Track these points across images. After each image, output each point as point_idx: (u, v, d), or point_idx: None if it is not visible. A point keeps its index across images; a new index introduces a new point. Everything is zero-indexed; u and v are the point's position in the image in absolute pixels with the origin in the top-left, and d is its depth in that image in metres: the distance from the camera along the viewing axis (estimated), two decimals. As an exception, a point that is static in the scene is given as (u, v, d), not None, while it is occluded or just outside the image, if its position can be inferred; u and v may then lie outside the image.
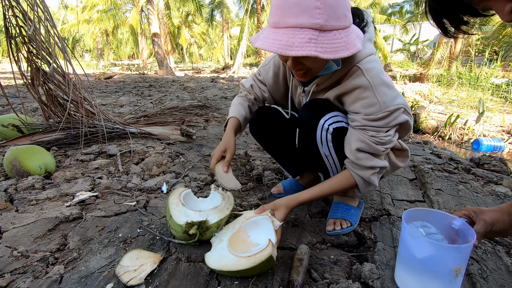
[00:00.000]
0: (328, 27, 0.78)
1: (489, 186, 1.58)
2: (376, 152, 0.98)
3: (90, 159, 2.04)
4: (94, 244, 1.10)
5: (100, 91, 6.00)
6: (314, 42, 0.77)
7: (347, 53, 0.80)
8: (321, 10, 0.76)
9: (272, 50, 0.79)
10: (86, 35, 25.31)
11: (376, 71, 0.93)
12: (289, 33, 0.78)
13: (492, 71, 9.58)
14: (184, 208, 1.08)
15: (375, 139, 0.96)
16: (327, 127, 1.03)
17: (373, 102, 0.92)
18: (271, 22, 0.84)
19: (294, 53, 0.76)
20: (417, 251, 0.79)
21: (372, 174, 1.01)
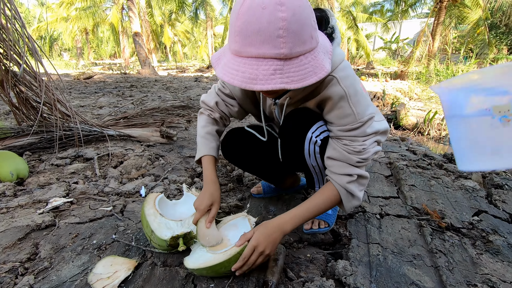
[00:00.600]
0: (293, 55, 0.72)
1: (459, 181, 1.65)
2: (349, 162, 0.94)
3: (65, 164, 1.98)
4: (66, 252, 1.08)
5: (79, 92, 5.82)
6: (280, 73, 0.71)
7: (316, 79, 0.74)
8: (285, 39, 0.69)
9: (235, 83, 0.73)
10: (64, 33, 24.43)
11: (351, 79, 0.90)
12: (252, 64, 0.72)
13: (468, 68, 9.96)
14: (163, 219, 1.06)
15: (348, 147, 0.94)
16: (315, 140, 1.02)
17: (347, 113, 0.90)
18: (232, 49, 0.77)
19: (258, 87, 0.71)
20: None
21: (349, 182, 0.96)
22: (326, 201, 0.98)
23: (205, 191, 1.07)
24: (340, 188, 0.97)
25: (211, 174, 1.11)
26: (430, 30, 12.69)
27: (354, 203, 0.99)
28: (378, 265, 1.01)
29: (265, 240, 0.89)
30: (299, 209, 0.98)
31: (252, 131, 1.24)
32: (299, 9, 0.69)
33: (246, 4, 0.70)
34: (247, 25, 0.69)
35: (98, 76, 9.77)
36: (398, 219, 1.30)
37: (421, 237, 1.17)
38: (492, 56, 14.60)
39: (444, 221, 1.27)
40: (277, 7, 0.67)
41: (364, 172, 0.97)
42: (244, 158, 1.28)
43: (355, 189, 0.97)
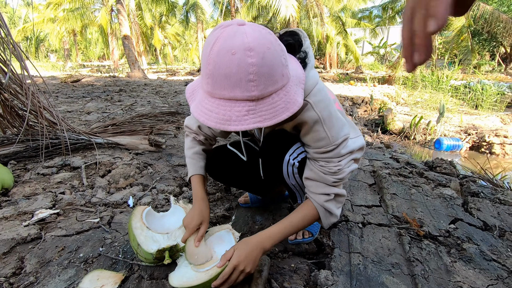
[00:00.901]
0: (265, 95, 0.74)
1: (438, 189, 1.72)
2: (325, 182, 0.98)
3: (52, 173, 1.96)
4: (53, 266, 1.08)
5: (66, 96, 5.74)
6: (252, 113, 0.73)
7: (288, 114, 0.76)
8: (256, 82, 0.71)
9: (209, 124, 0.74)
10: (51, 34, 23.95)
11: (325, 103, 0.92)
12: (225, 105, 0.74)
13: (452, 74, 10.27)
14: (150, 233, 1.08)
15: (323, 168, 0.97)
16: (292, 162, 1.05)
17: (322, 137, 0.93)
18: (204, 89, 0.78)
19: (232, 128, 0.73)
20: None
21: (327, 201, 0.99)
22: (305, 218, 1.01)
23: (195, 209, 1.09)
24: (318, 206, 1.00)
25: (200, 192, 1.14)
26: (416, 36, 13.02)
27: (332, 220, 1.03)
28: (359, 274, 1.05)
29: (245, 258, 0.90)
30: (280, 226, 1.00)
31: (234, 150, 1.25)
32: (269, 52, 0.71)
33: (215, 49, 0.71)
34: (217, 69, 0.71)
35: (86, 79, 9.63)
36: (379, 228, 1.36)
37: (400, 246, 1.22)
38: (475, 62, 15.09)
39: (423, 229, 1.33)
40: (246, 53, 0.68)
41: (340, 190, 1.01)
42: (229, 176, 1.30)
43: (333, 207, 1.01)
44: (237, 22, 0.73)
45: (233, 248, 0.94)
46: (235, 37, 0.69)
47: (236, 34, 0.70)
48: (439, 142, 6.43)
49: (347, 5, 18.66)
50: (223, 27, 0.73)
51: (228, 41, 0.69)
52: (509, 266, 1.10)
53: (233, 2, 15.29)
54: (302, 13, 16.72)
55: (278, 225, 1.00)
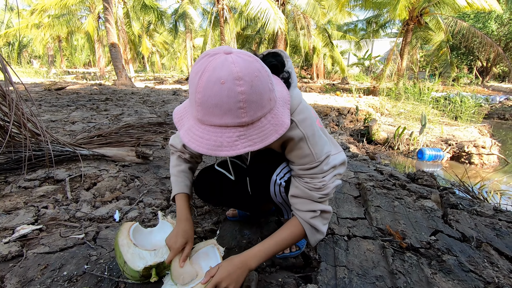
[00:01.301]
0: (254, 120, 0.76)
1: (420, 201, 1.79)
2: (311, 198, 0.99)
3: (34, 186, 1.91)
4: (35, 286, 1.05)
5: (50, 104, 5.61)
6: (243, 138, 0.75)
7: (277, 136, 0.79)
8: (245, 109, 0.73)
9: (200, 151, 0.76)
10: (35, 40, 23.45)
11: (309, 121, 0.96)
12: (216, 132, 0.76)
13: (433, 86, 10.69)
14: (137, 249, 1.07)
15: (308, 185, 0.99)
16: (279, 182, 1.07)
17: (306, 153, 0.95)
18: (194, 116, 0.80)
19: (224, 153, 0.75)
20: None
21: (313, 218, 1.01)
22: (292, 236, 1.02)
23: (179, 229, 1.08)
24: (304, 223, 1.02)
25: (184, 212, 1.13)
26: (398, 50, 13.57)
27: (318, 237, 1.04)
28: (344, 287, 1.08)
29: (228, 277, 0.90)
30: (265, 245, 1.00)
31: (221, 170, 1.26)
32: (256, 80, 0.74)
33: (204, 78, 0.72)
34: (207, 98, 0.73)
35: (71, 86, 9.45)
36: (364, 240, 1.39)
37: (384, 258, 1.26)
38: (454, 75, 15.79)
39: (405, 241, 1.38)
40: (235, 82, 0.71)
41: (326, 207, 1.03)
42: (217, 196, 1.30)
43: (319, 223, 1.02)
44: (224, 50, 0.76)
45: (217, 266, 0.95)
46: (223, 67, 0.72)
47: (224, 63, 0.72)
48: (421, 152, 6.64)
49: (333, 19, 19.23)
50: (210, 55, 0.75)
51: (217, 71, 0.72)
52: (485, 276, 1.16)
53: (221, 12, 15.48)
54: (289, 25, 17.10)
55: (264, 243, 1.00)
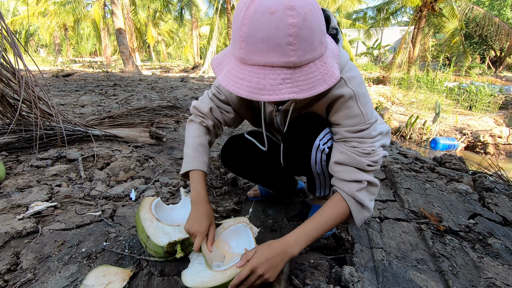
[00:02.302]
0: (303, 63, 0.68)
1: (452, 184, 1.68)
2: (359, 166, 0.88)
3: (47, 165, 1.85)
4: (52, 262, 0.99)
5: (58, 89, 5.55)
6: (288, 82, 0.67)
7: (325, 87, 0.70)
8: (295, 46, 0.65)
9: (241, 94, 0.68)
10: (42, 28, 23.36)
11: (358, 80, 0.87)
12: (259, 73, 0.67)
13: (446, 76, 10.39)
14: (160, 224, 0.99)
15: (356, 150, 0.88)
16: (322, 148, 0.96)
17: (355, 113, 0.86)
18: (236, 55, 0.72)
19: (266, 97, 0.67)
20: None
21: (359, 190, 0.88)
22: (335, 216, 0.90)
23: (199, 212, 0.96)
24: (348, 198, 0.90)
25: (203, 192, 1.00)
26: (410, 38, 13.18)
27: (365, 214, 0.91)
28: (384, 270, 0.99)
29: (265, 263, 0.81)
30: (307, 229, 0.89)
31: (252, 139, 1.18)
32: (310, 14, 0.65)
33: (252, 8, 0.64)
34: (253, 31, 0.65)
35: (78, 74, 9.39)
36: (397, 222, 1.30)
37: (422, 241, 1.17)
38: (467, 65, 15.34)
39: (442, 224, 1.28)
40: (287, 12, 0.62)
41: (374, 178, 0.91)
42: (245, 167, 1.22)
43: (365, 198, 0.89)
44: None
45: (254, 249, 0.85)
46: None
47: None
48: (435, 141, 6.47)
49: (342, 6, 18.73)
50: None
51: (266, 0, 0.63)
52: (536, 261, 1.06)
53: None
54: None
55: (304, 227, 0.89)
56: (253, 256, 0.83)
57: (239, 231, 1.03)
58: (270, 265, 0.81)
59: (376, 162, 0.90)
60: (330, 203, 0.92)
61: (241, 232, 1.02)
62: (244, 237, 1.00)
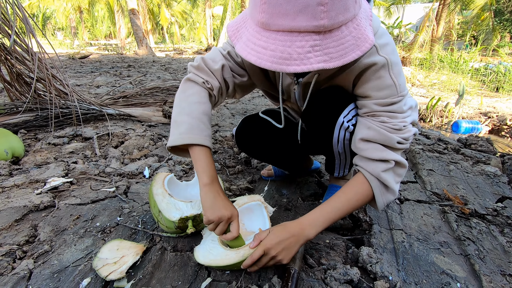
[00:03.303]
0: (334, 26, 0.58)
1: (479, 166, 1.58)
2: (389, 143, 0.79)
3: (63, 143, 1.88)
4: (68, 235, 1.00)
5: (75, 71, 5.62)
6: (318, 49, 0.58)
7: (358, 53, 0.61)
8: (327, 6, 0.55)
9: (263, 65, 0.60)
10: (58, 11, 23.56)
11: (391, 47, 0.78)
12: (284, 40, 0.59)
13: (473, 55, 9.80)
14: (172, 200, 0.97)
15: (386, 125, 0.78)
16: (347, 126, 0.88)
17: (387, 84, 0.76)
18: (257, 20, 0.62)
19: (293, 68, 0.59)
20: None
21: (385, 171, 0.80)
22: (356, 198, 0.82)
23: (221, 197, 0.82)
24: (372, 179, 0.81)
25: (215, 174, 0.85)
26: (434, 15, 12.38)
27: (389, 197, 0.83)
28: (404, 252, 0.94)
29: (279, 245, 0.77)
30: (324, 210, 0.82)
31: (267, 118, 1.10)
32: None
33: None
34: None
35: (94, 56, 9.47)
36: (419, 204, 1.23)
37: (445, 224, 1.11)
38: (496, 43, 14.38)
39: (468, 207, 1.21)
40: None
41: (402, 158, 0.82)
42: (260, 147, 1.15)
43: (391, 179, 0.80)
44: None
45: (268, 230, 0.81)
46: None
47: None
48: (457, 124, 6.18)
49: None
50: None
51: None
52: None
53: (243, -23, 14.64)
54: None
55: (322, 208, 0.82)
56: (266, 237, 0.79)
57: (253, 210, 1.00)
58: (284, 247, 0.78)
59: (406, 140, 0.81)
60: (351, 184, 0.85)
61: (256, 210, 0.99)
62: (258, 216, 0.97)
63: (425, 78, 9.79)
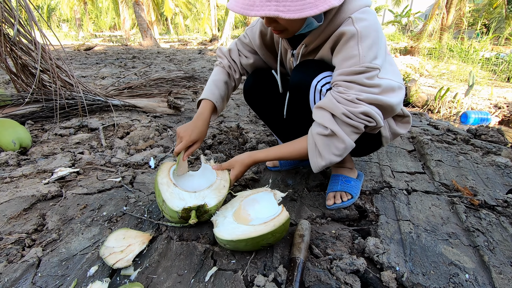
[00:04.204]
0: None
1: (489, 157, 1.54)
2: (334, 111, 0.83)
3: (70, 134, 1.89)
4: (75, 224, 1.01)
5: (80, 62, 5.63)
6: (276, 0, 0.71)
7: (315, 11, 0.70)
8: None
9: (234, 10, 0.75)
10: (62, 2, 23.51)
11: (369, 22, 0.80)
12: None
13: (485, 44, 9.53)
14: (177, 189, 0.97)
15: (340, 95, 0.83)
16: (319, 89, 0.92)
17: (353, 54, 0.80)
18: None
19: (253, 13, 0.71)
20: None
21: (320, 135, 0.87)
22: (296, 148, 0.97)
23: (197, 125, 1.08)
24: (310, 136, 0.92)
25: (207, 114, 1.12)
26: (444, 3, 12.02)
27: (319, 162, 0.91)
28: (412, 243, 0.93)
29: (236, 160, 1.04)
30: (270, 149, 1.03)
31: (276, 76, 1.18)
32: None
33: None
34: None
35: (99, 47, 9.46)
36: (427, 195, 1.22)
37: (454, 215, 1.09)
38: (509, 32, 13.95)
39: (477, 198, 1.19)
40: None
41: (343, 133, 0.85)
42: (264, 103, 1.27)
43: (323, 145, 0.88)
44: None
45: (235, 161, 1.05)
46: None
47: None
48: (465, 115, 6.06)
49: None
50: None
51: None
52: None
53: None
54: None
55: (268, 148, 1.04)
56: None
57: (258, 200, 0.99)
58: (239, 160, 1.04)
59: (354, 115, 0.82)
60: (299, 138, 0.99)
61: (261, 200, 0.99)
62: (264, 205, 0.97)
63: (433, 68, 9.58)
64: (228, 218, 0.89)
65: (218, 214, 0.93)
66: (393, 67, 0.94)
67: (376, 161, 1.52)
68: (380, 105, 0.84)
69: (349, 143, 0.86)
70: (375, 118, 0.84)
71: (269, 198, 0.97)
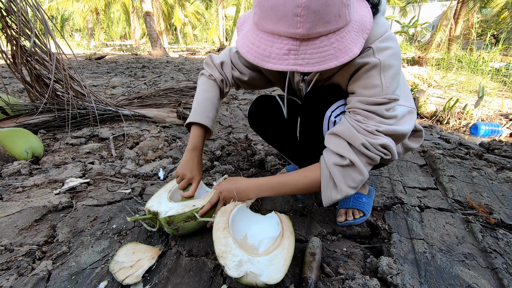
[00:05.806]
0: (312, 35, 0.65)
1: (504, 173, 1.51)
2: (353, 141, 0.80)
3: (81, 143, 1.91)
4: (85, 237, 1.01)
5: (91, 71, 5.75)
6: (294, 54, 0.66)
7: (336, 63, 0.66)
8: (303, 18, 0.62)
9: (248, 57, 0.70)
10: (76, 13, 24.22)
11: (391, 51, 0.77)
12: (267, 40, 0.68)
13: (492, 55, 9.46)
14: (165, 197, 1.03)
15: (359, 124, 0.79)
16: (333, 120, 0.90)
17: (375, 84, 0.77)
18: (253, 19, 0.72)
19: (270, 65, 0.67)
20: None
21: (337, 165, 0.82)
22: (304, 180, 0.89)
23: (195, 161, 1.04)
24: (324, 167, 0.85)
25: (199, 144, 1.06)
26: (452, 14, 12.01)
27: (333, 195, 0.85)
28: (427, 264, 0.91)
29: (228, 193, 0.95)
30: (273, 180, 0.93)
31: (280, 102, 1.16)
32: None
33: None
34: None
35: (109, 56, 9.67)
36: (440, 212, 1.19)
37: (469, 234, 1.06)
38: (517, 43, 13.83)
39: (493, 216, 1.15)
40: None
41: (361, 164, 0.81)
42: (270, 128, 1.23)
43: (340, 177, 0.82)
44: None
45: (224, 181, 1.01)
46: None
47: None
48: (475, 127, 5.96)
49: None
50: None
51: None
52: None
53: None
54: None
55: (271, 178, 0.94)
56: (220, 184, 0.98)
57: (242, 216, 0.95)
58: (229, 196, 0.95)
59: (373, 147, 0.79)
60: (307, 167, 0.92)
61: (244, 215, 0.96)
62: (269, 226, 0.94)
63: (442, 79, 9.52)
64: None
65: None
66: (404, 88, 0.92)
67: (387, 176, 1.50)
68: (394, 135, 0.83)
69: (366, 175, 0.83)
70: (391, 151, 0.83)
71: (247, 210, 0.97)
